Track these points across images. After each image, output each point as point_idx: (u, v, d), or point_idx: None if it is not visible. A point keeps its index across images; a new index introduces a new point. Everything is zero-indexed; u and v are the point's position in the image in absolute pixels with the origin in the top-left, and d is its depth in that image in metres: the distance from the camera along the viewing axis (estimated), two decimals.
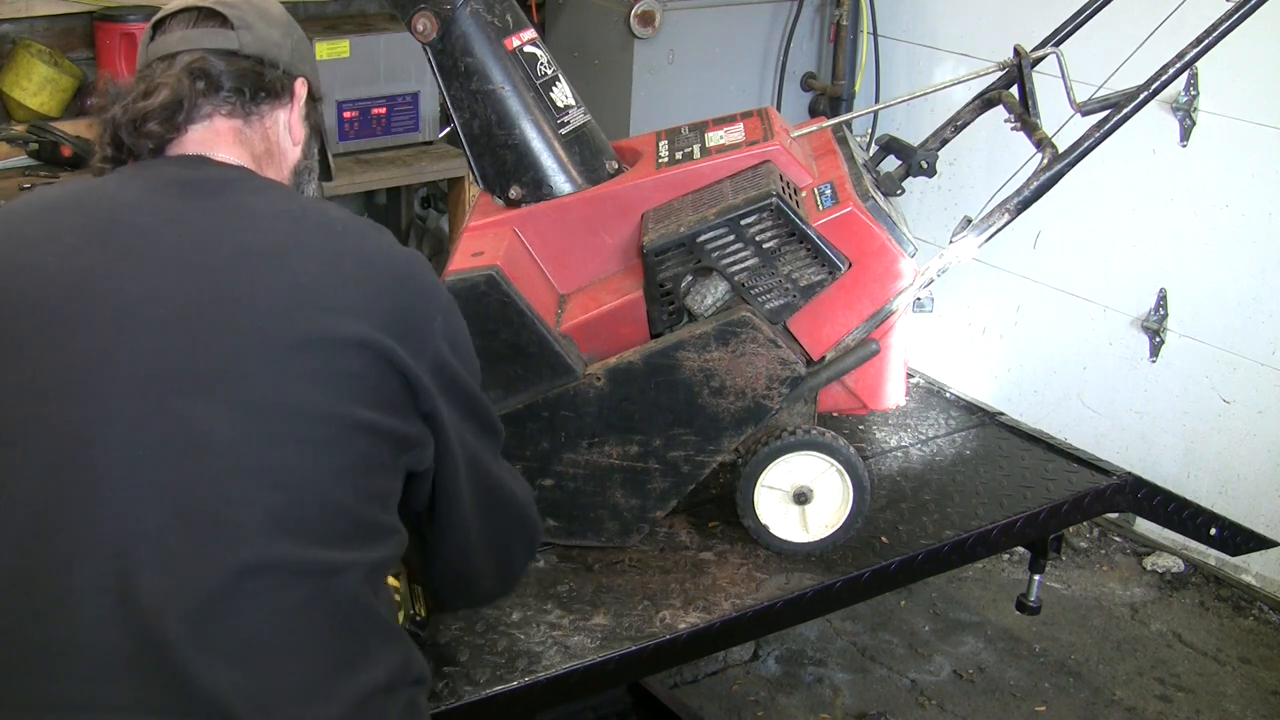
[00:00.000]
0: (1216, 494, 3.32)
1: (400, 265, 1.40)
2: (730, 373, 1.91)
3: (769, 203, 1.89)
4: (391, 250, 1.41)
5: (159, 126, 1.44)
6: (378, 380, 1.33)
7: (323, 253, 1.36)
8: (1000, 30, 3.46)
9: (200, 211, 1.38)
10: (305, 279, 1.33)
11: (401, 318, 1.36)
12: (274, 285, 1.32)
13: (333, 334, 1.30)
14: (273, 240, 1.36)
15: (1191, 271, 3.32)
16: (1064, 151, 1.97)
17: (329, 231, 1.39)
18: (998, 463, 2.30)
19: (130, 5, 3.35)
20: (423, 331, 1.37)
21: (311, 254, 1.36)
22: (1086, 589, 3.33)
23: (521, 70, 2.04)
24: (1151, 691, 2.97)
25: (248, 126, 1.49)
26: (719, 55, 3.84)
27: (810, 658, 3.02)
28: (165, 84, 1.44)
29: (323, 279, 1.33)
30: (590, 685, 1.79)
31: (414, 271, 1.41)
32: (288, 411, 1.28)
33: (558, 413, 1.92)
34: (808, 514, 2.01)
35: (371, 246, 1.40)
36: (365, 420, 1.31)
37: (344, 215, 1.43)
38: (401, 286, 1.38)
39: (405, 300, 1.37)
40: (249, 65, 1.48)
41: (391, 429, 1.35)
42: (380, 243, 1.42)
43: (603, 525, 1.98)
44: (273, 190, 1.46)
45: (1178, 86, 3.20)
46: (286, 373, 1.29)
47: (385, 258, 1.40)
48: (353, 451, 1.31)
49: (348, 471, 1.31)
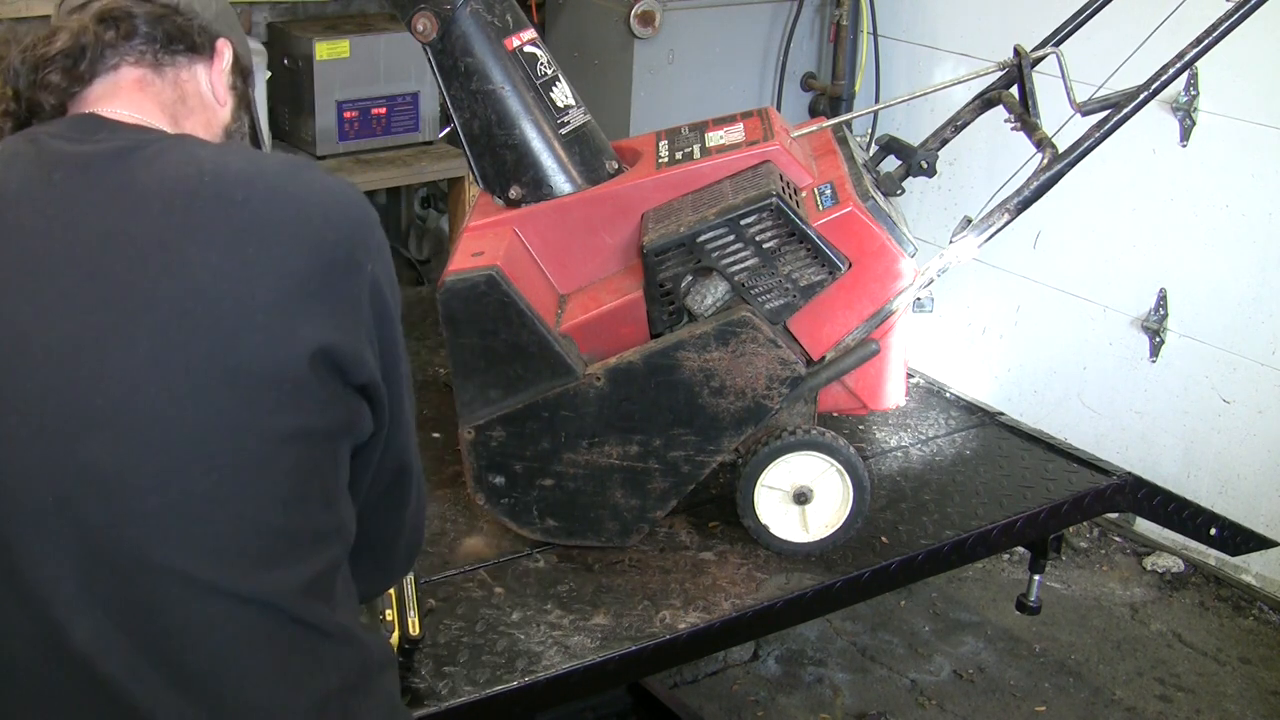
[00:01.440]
0: (1216, 494, 3.32)
1: (316, 223, 1.23)
2: (730, 373, 1.91)
3: (769, 203, 1.89)
4: (303, 207, 1.24)
5: (59, 77, 1.30)
6: (301, 377, 1.20)
7: (223, 235, 1.20)
8: (1000, 30, 3.47)
9: (88, 203, 1.22)
10: (204, 277, 1.18)
11: (324, 289, 1.22)
12: (170, 290, 1.18)
13: (239, 341, 1.18)
14: (166, 228, 1.20)
15: (1191, 271, 3.32)
16: (1064, 151, 1.97)
17: (228, 203, 1.22)
18: (998, 463, 2.30)
19: None
20: (351, 295, 1.24)
21: (210, 239, 1.20)
22: (1086, 589, 3.33)
23: (521, 70, 2.04)
24: (1151, 691, 2.97)
25: (158, 76, 1.35)
26: (719, 55, 3.84)
27: (810, 658, 3.02)
28: (66, 28, 1.30)
29: (224, 273, 1.18)
30: (590, 685, 1.79)
31: (331, 223, 1.24)
32: (198, 440, 1.17)
33: (558, 413, 1.92)
34: (808, 514, 2.00)
35: (279, 210, 1.23)
36: (290, 429, 1.20)
37: (249, 172, 1.25)
38: (319, 251, 1.22)
39: (325, 264, 1.22)
40: (165, 11, 1.35)
41: (324, 426, 1.23)
42: (290, 200, 1.24)
43: (603, 525, 1.98)
44: (170, 153, 1.26)
45: (1178, 86, 3.20)
46: (192, 397, 1.17)
47: (296, 222, 1.23)
48: (279, 467, 1.20)
49: (276, 488, 1.21)
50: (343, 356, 1.23)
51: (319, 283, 1.22)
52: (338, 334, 1.22)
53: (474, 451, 1.93)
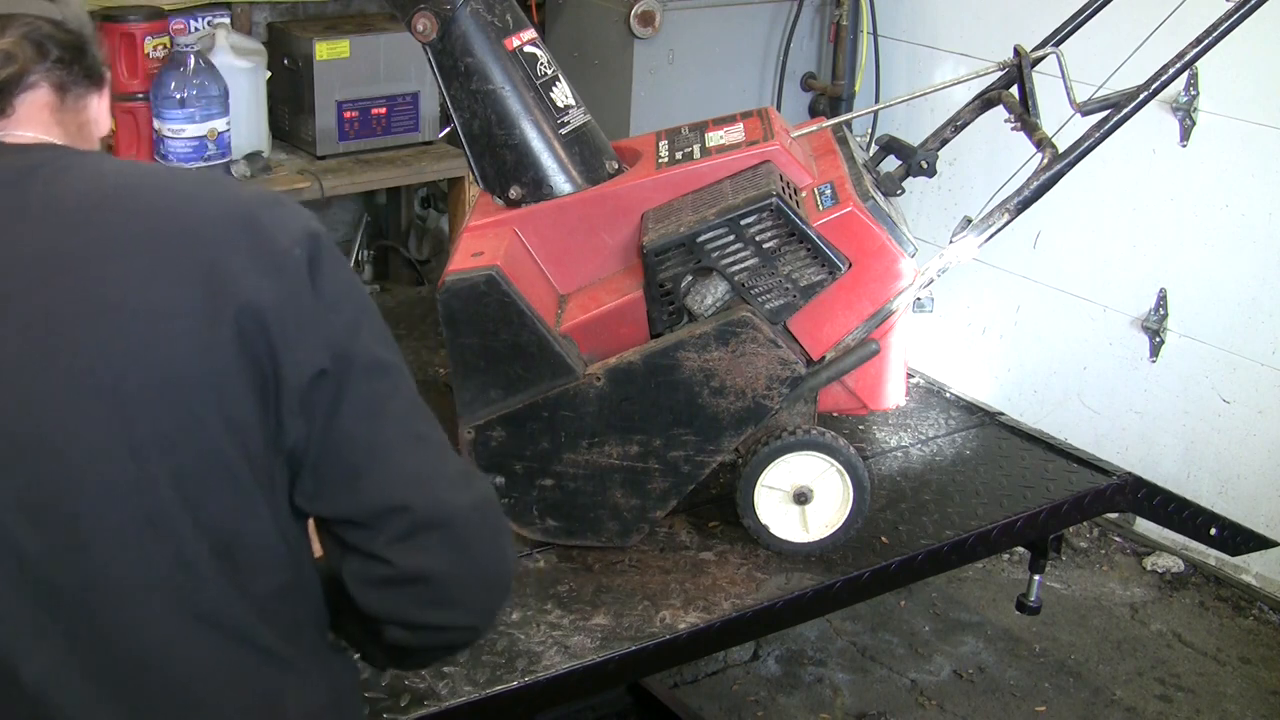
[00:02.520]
0: (1216, 494, 3.32)
1: (221, 229, 1.17)
2: (730, 373, 1.91)
3: (769, 203, 1.89)
4: (209, 210, 1.18)
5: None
6: (228, 369, 1.13)
7: (133, 246, 1.14)
8: (1000, 30, 3.46)
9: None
10: (115, 296, 1.13)
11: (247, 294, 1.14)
12: (90, 308, 1.12)
13: (165, 351, 1.12)
14: (81, 244, 1.15)
15: (1191, 271, 3.32)
16: (1064, 151, 1.97)
17: (132, 215, 1.17)
18: (998, 463, 2.30)
19: (130, 5, 3.35)
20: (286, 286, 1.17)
21: (120, 251, 1.14)
22: (1086, 589, 3.33)
23: (521, 70, 2.04)
24: (1151, 691, 2.97)
25: (64, 103, 1.30)
26: (719, 55, 3.85)
27: (810, 658, 3.02)
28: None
29: (135, 289, 1.13)
30: (590, 685, 1.79)
31: (236, 226, 1.17)
32: (133, 459, 1.11)
33: (558, 413, 1.92)
34: (808, 514, 2.00)
35: (184, 218, 1.17)
36: (226, 435, 1.14)
37: (154, 183, 1.21)
38: (228, 258, 1.15)
39: (240, 264, 1.15)
40: (72, 39, 1.31)
41: (258, 424, 1.15)
42: (196, 204, 1.18)
43: (603, 525, 1.98)
44: (76, 168, 1.22)
45: (1178, 86, 3.20)
46: (120, 415, 1.11)
47: (203, 225, 1.17)
48: (220, 479, 1.14)
49: (219, 502, 1.15)
50: (274, 332, 1.15)
51: (243, 269, 1.15)
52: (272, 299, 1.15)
53: (474, 451, 1.94)
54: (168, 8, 3.41)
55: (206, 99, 3.19)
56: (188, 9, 3.49)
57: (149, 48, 3.30)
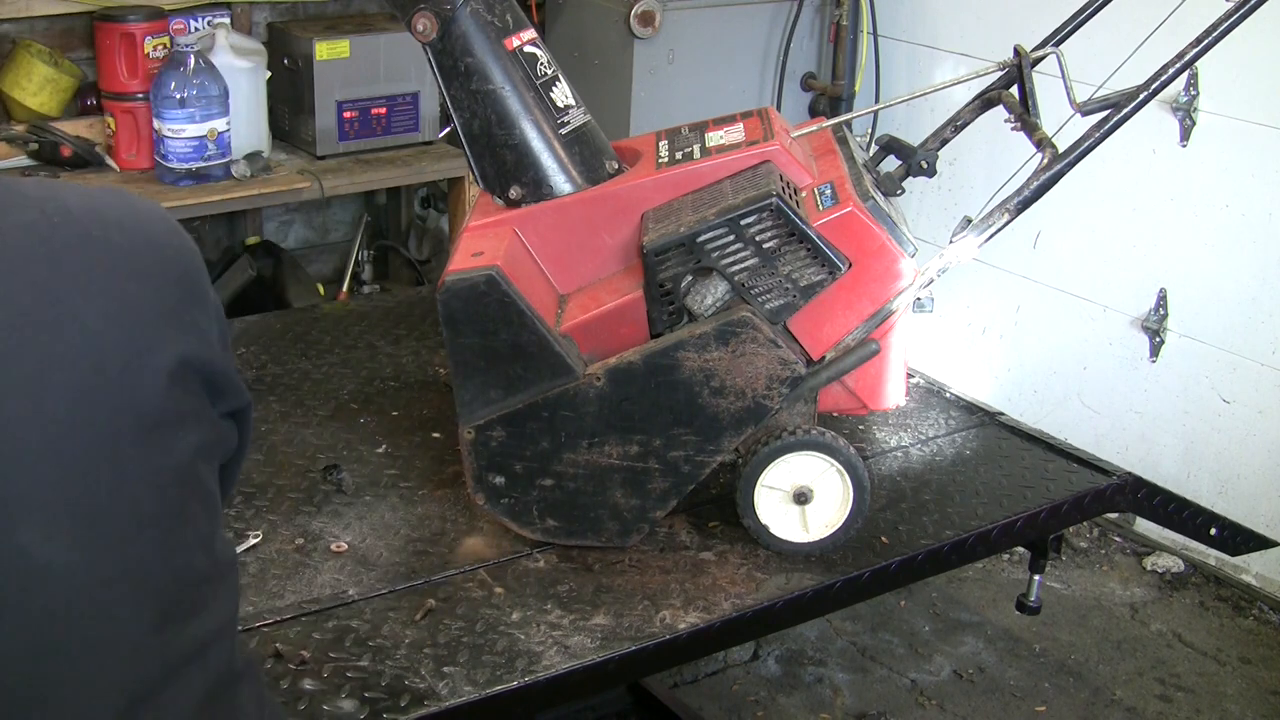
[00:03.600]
0: (1216, 494, 3.32)
1: (167, 252, 1.12)
2: (730, 373, 1.91)
3: (769, 203, 1.89)
4: (150, 236, 1.12)
5: None
6: (163, 406, 1.07)
7: (84, 275, 1.07)
8: (1000, 30, 3.47)
9: None
10: (67, 325, 1.04)
11: (183, 317, 1.11)
12: (28, 345, 1.03)
13: (111, 387, 1.04)
14: (30, 281, 1.05)
15: (1191, 271, 3.32)
16: (1064, 151, 1.97)
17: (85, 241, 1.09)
18: (998, 463, 2.30)
19: (130, 5, 3.35)
20: (209, 318, 1.13)
21: (71, 281, 1.06)
22: (1086, 589, 3.33)
23: (521, 70, 2.04)
24: (1151, 691, 2.97)
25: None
26: (719, 55, 3.85)
27: (810, 658, 3.02)
28: None
29: (80, 314, 1.05)
30: (590, 685, 1.79)
31: (178, 250, 1.13)
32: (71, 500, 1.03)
33: (558, 413, 1.92)
34: (808, 514, 2.00)
35: (129, 241, 1.11)
36: (169, 464, 1.07)
37: (89, 206, 1.12)
38: (175, 280, 1.11)
39: (182, 292, 1.11)
40: None
41: (201, 450, 1.11)
42: (136, 230, 1.12)
43: (603, 525, 1.98)
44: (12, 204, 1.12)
45: (1178, 86, 3.20)
46: (60, 453, 1.03)
47: (148, 252, 1.11)
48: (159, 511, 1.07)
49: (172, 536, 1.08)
50: (219, 375, 1.13)
51: (185, 310, 1.11)
52: (210, 352, 1.12)
53: (474, 451, 1.94)
54: (168, 8, 3.42)
55: (206, 99, 3.19)
56: (188, 9, 3.50)
57: (149, 48, 3.31)
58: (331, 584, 1.87)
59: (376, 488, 2.12)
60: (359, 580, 1.89)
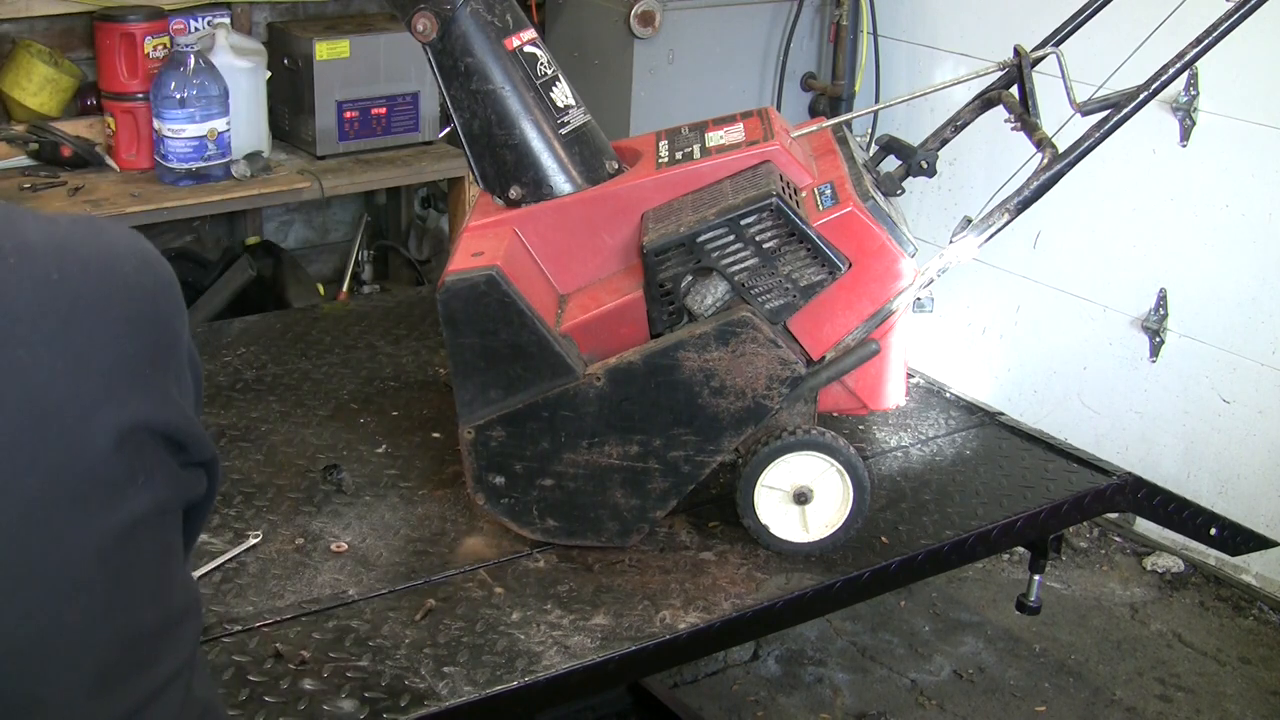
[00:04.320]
0: (1216, 494, 3.32)
1: (136, 295, 1.04)
2: (730, 373, 1.91)
3: (769, 203, 1.89)
4: (118, 277, 1.04)
5: None
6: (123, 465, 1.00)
7: (41, 323, 0.98)
8: (1000, 30, 3.47)
9: None
10: (27, 377, 0.97)
11: (152, 370, 1.04)
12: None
13: (67, 442, 0.97)
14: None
15: (1191, 271, 3.32)
16: (1064, 151, 1.97)
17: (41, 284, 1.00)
18: (998, 463, 2.30)
19: (130, 5, 3.35)
20: (178, 368, 1.07)
21: (29, 330, 0.98)
22: (1086, 589, 3.33)
23: (521, 70, 2.04)
24: (1151, 691, 2.97)
25: None
26: (719, 55, 3.85)
27: (810, 658, 3.02)
28: None
29: (41, 367, 0.98)
30: (590, 685, 1.79)
31: (148, 292, 1.05)
32: (23, 565, 0.97)
33: (558, 413, 1.92)
34: (808, 514, 2.00)
35: (94, 285, 1.02)
36: (130, 520, 1.01)
37: (52, 243, 1.02)
38: (144, 328, 1.04)
39: (150, 342, 1.04)
40: None
41: (160, 505, 1.04)
42: (103, 272, 1.04)
43: (603, 525, 1.98)
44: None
45: (1178, 86, 3.20)
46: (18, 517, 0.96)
47: (115, 296, 1.03)
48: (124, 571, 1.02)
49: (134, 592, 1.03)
50: (181, 434, 1.06)
51: (147, 363, 1.04)
52: (171, 411, 1.05)
53: (474, 451, 1.94)
54: (168, 8, 3.42)
55: (206, 99, 3.19)
56: (188, 9, 3.50)
57: (149, 48, 3.31)
58: (331, 584, 1.87)
59: (376, 488, 2.12)
60: (359, 580, 1.89)
